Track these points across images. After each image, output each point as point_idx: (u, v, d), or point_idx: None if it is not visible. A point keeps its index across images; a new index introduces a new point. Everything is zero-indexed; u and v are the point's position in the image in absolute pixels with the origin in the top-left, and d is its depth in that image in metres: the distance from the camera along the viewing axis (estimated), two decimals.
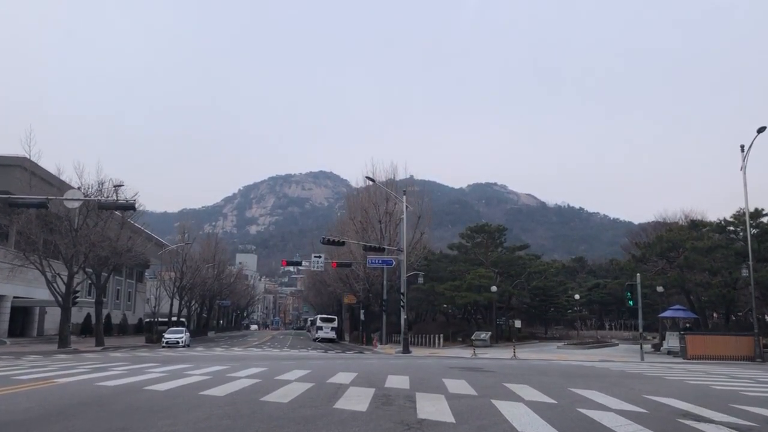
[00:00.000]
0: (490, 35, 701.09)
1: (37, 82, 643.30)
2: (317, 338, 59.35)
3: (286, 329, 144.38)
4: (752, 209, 31.00)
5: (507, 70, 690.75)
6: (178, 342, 40.57)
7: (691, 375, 16.47)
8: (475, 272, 49.22)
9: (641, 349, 27.81)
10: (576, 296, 64.70)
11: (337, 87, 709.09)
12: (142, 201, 39.75)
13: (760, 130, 25.73)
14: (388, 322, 44.17)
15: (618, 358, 28.56)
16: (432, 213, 53.75)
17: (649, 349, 35.07)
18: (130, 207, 29.66)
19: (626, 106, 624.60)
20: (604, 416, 7.94)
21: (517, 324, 47.52)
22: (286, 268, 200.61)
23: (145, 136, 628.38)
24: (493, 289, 46.01)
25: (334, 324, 62.01)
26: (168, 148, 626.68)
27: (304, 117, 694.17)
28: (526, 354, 31.49)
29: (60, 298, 34.51)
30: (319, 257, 45.79)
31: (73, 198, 27.91)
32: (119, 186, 35.93)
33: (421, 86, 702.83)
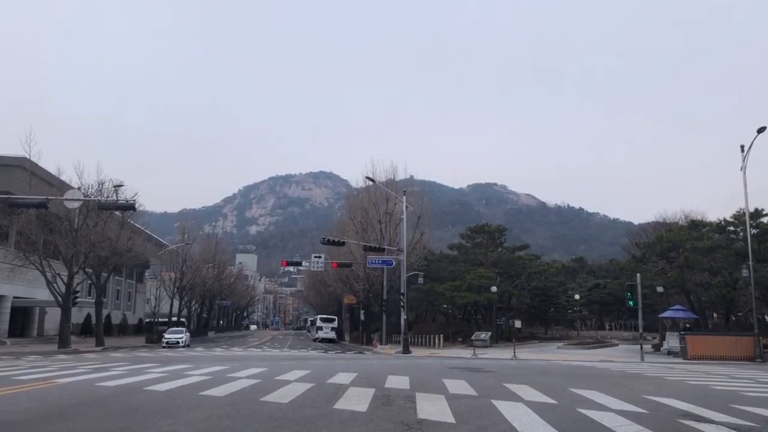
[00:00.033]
0: (490, 35, 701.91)
1: (37, 82, 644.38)
2: (317, 338, 59.37)
3: (286, 329, 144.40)
4: (752, 209, 31.03)
5: (507, 70, 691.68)
6: (178, 342, 40.58)
7: (691, 375, 16.48)
8: (475, 272, 49.24)
9: (641, 349, 27.84)
10: (576, 296, 64.71)
11: (337, 87, 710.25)
12: (142, 201, 39.86)
13: (760, 130, 25.75)
14: (388, 322, 44.18)
15: (618, 358, 28.57)
16: (432, 213, 53.79)
17: (649, 349, 35.08)
18: (130, 207, 29.70)
19: (626, 106, 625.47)
20: (605, 416, 7.94)
21: (517, 324, 47.56)
22: (286, 269, 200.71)
23: (145, 136, 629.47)
24: (493, 289, 46.02)
25: (334, 324, 62.04)
26: (168, 148, 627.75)
27: (304, 117, 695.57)
28: (526, 354, 31.51)
29: (60, 299, 34.52)
30: (319, 257, 45.81)
31: (73, 198, 27.96)
32: (119, 186, 35.95)
33: (421, 86, 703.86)
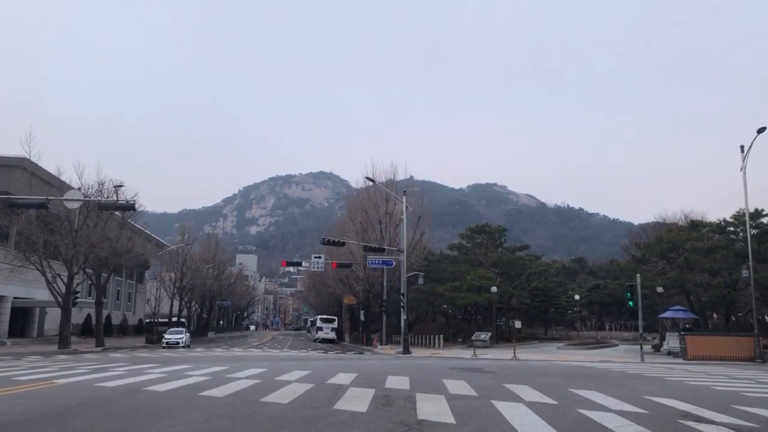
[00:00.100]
0: (490, 35, 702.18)
1: (37, 82, 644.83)
2: (317, 339, 59.38)
3: (286, 330, 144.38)
4: (752, 210, 31.03)
5: (507, 70, 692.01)
6: (178, 342, 40.56)
7: (691, 376, 16.47)
8: (475, 273, 49.23)
9: (641, 349, 27.82)
10: (576, 297, 64.72)
11: (337, 87, 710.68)
12: (142, 201, 39.85)
13: (760, 131, 25.75)
14: (388, 322, 44.17)
15: (618, 358, 28.55)
16: (432, 213, 53.80)
17: (649, 349, 35.05)
18: (130, 207, 29.71)
19: (626, 106, 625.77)
20: (605, 417, 7.93)
21: (517, 325, 47.45)
22: (286, 269, 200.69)
23: (145, 136, 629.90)
24: (493, 289, 46.00)
25: (334, 325, 62.03)
26: (168, 148, 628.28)
27: (304, 117, 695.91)
28: (526, 355, 31.48)
29: (60, 299, 34.51)
30: (319, 258, 45.81)
31: (73, 198, 27.97)
32: (119, 186, 35.91)
33: (421, 86, 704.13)
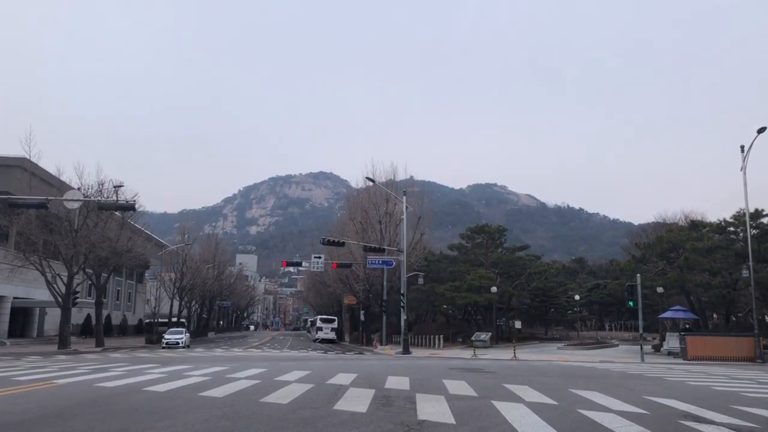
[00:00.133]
0: (490, 35, 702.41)
1: (37, 82, 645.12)
2: (317, 339, 59.38)
3: (286, 330, 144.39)
4: (752, 210, 31.00)
5: (507, 70, 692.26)
6: (178, 343, 40.54)
7: (691, 376, 16.46)
8: (475, 273, 49.21)
9: (641, 349, 27.81)
10: (576, 297, 64.67)
11: (337, 87, 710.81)
12: (141, 201, 39.82)
13: (760, 131, 25.73)
14: (388, 322, 44.15)
15: (618, 358, 28.53)
16: (432, 214, 53.79)
17: (650, 349, 35.04)
18: (129, 207, 29.70)
19: (626, 106, 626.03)
20: (605, 417, 7.92)
21: (517, 325, 47.43)
22: (286, 269, 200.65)
23: (145, 136, 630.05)
24: (493, 289, 45.98)
25: (334, 325, 62.01)
26: (168, 149, 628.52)
27: (304, 117, 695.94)
28: (527, 355, 31.46)
29: (60, 299, 34.49)
30: (319, 258, 45.79)
31: (72, 198, 27.96)
32: (119, 186, 35.89)
33: (421, 86, 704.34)
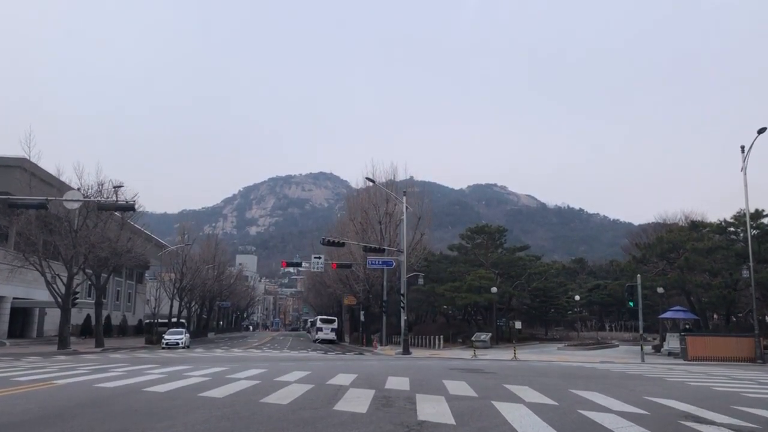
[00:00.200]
0: (490, 35, 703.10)
1: (37, 82, 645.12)
2: (317, 339, 59.39)
3: (286, 330, 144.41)
4: (753, 210, 30.96)
5: (507, 70, 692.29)
6: (178, 343, 40.51)
7: (691, 376, 16.44)
8: (475, 273, 49.18)
9: (642, 350, 27.80)
10: (576, 297, 64.63)
11: (337, 87, 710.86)
12: (141, 202, 39.83)
13: (760, 131, 25.71)
14: (388, 323, 44.12)
15: (618, 359, 28.52)
16: (432, 214, 53.78)
17: (650, 350, 35.02)
18: (129, 208, 29.68)
19: (626, 106, 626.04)
20: (605, 418, 7.91)
21: (517, 325, 47.45)
22: (286, 269, 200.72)
23: (145, 136, 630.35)
24: (494, 290, 45.96)
25: (334, 325, 61.99)
26: (168, 149, 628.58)
27: (304, 118, 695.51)
28: (527, 355, 31.44)
29: (60, 299, 34.46)
30: (319, 258, 45.75)
31: (72, 199, 27.93)
32: (119, 187, 35.87)
33: (421, 86, 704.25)
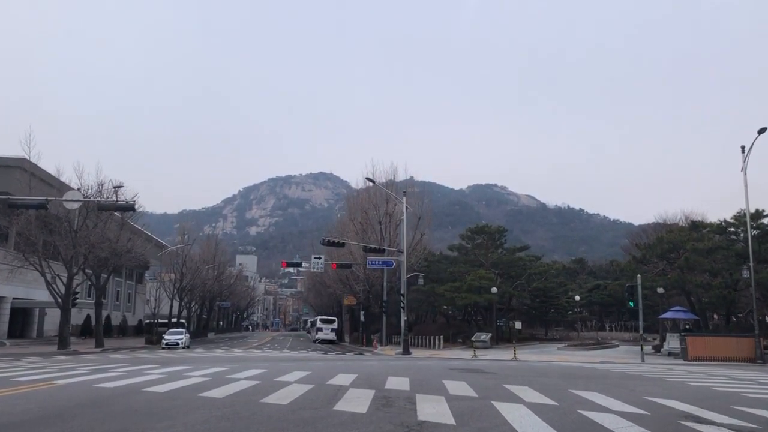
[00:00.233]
0: (490, 35, 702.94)
1: (36, 82, 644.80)
2: (317, 339, 59.39)
3: (286, 330, 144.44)
4: (753, 210, 30.94)
5: (507, 70, 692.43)
6: (178, 343, 40.50)
7: (691, 376, 16.43)
8: (475, 273, 49.17)
9: (642, 350, 27.79)
10: (576, 297, 64.64)
11: (337, 88, 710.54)
12: (141, 202, 39.84)
13: (760, 131, 25.71)
14: (388, 323, 44.11)
15: (618, 359, 28.51)
16: (432, 214, 53.76)
17: (650, 350, 35.02)
18: (129, 208, 29.66)
19: (626, 106, 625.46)
20: (605, 418, 7.90)
21: (517, 325, 47.44)
22: (286, 270, 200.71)
23: (145, 136, 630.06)
24: (494, 290, 45.95)
25: (334, 325, 61.98)
26: (168, 149, 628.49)
27: (304, 118, 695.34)
28: (527, 355, 31.43)
29: (59, 300, 34.46)
30: (319, 258, 45.73)
31: (72, 199, 27.92)
32: (119, 187, 35.87)
33: (420, 87, 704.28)
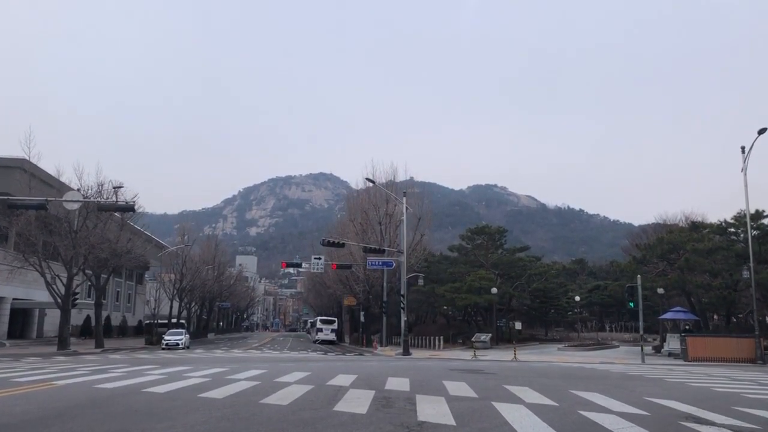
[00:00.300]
0: (490, 35, 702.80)
1: (36, 82, 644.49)
2: (317, 340, 59.42)
3: (286, 331, 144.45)
4: (753, 211, 30.90)
5: (507, 71, 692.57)
6: (178, 344, 40.51)
7: (692, 377, 16.42)
8: (475, 274, 49.16)
9: (642, 350, 27.75)
10: (576, 298, 64.61)
11: (337, 88, 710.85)
12: (141, 202, 39.93)
13: (760, 132, 25.69)
14: (388, 323, 44.10)
15: (619, 360, 28.50)
16: (432, 215, 53.74)
17: (650, 351, 35.00)
18: (129, 208, 29.63)
19: (626, 106, 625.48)
20: (606, 419, 7.89)
21: (517, 326, 47.37)
22: (286, 270, 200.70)
23: (145, 136, 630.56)
24: (494, 290, 45.94)
25: (334, 326, 62.00)
26: (168, 149, 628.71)
27: (304, 118, 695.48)
28: (527, 356, 31.41)
29: (59, 300, 34.45)
30: (319, 259, 45.77)
31: (72, 200, 27.91)
32: (119, 187, 35.81)
33: (420, 87, 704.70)
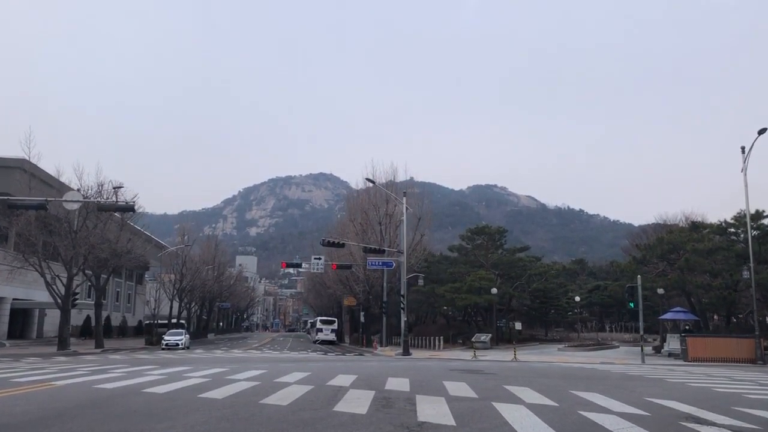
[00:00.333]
0: (490, 36, 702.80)
1: (36, 82, 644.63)
2: (317, 340, 59.44)
3: (286, 331, 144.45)
4: (753, 211, 30.89)
5: (507, 71, 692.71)
6: (178, 344, 40.52)
7: (692, 377, 16.41)
8: (475, 274, 49.15)
9: (642, 351, 27.74)
10: (576, 298, 64.59)
11: (336, 88, 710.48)
12: (141, 203, 39.97)
13: (760, 132, 25.68)
14: (388, 324, 44.10)
15: (619, 360, 28.50)
16: (432, 215, 53.77)
17: (650, 351, 34.99)
18: (129, 209, 29.64)
19: (626, 106, 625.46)
20: (606, 419, 7.89)
21: (517, 326, 47.33)
22: (286, 270, 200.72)
23: (145, 137, 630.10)
24: (494, 291, 45.93)
25: (334, 326, 62.01)
26: (168, 149, 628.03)
27: (304, 118, 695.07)
28: (527, 356, 31.40)
29: (59, 300, 34.45)
30: (319, 259, 45.80)
31: (72, 200, 27.92)
32: (119, 188, 35.80)
33: (421, 87, 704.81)
